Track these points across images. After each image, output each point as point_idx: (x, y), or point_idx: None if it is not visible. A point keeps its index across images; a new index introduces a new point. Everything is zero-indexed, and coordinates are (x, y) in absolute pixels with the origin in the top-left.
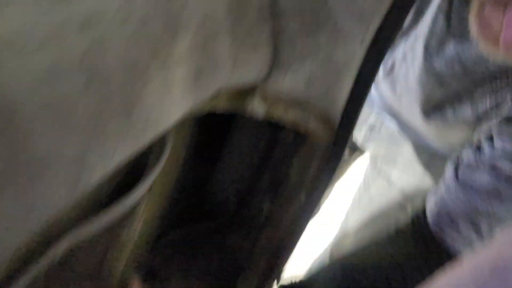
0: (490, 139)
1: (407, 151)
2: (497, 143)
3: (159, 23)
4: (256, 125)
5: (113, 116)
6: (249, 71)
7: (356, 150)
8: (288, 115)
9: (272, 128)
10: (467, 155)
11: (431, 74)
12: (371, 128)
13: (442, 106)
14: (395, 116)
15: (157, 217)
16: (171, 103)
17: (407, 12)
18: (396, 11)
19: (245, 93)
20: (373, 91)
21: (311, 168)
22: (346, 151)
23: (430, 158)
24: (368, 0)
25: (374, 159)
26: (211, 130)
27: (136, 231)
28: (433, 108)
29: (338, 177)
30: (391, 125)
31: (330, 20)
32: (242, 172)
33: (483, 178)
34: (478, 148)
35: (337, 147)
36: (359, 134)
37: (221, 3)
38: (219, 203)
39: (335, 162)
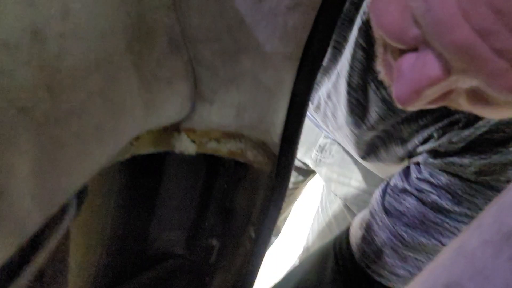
0: (418, 164)
1: (361, 172)
2: (424, 171)
3: (28, 81)
4: (192, 160)
5: None
6: (167, 110)
7: (310, 173)
8: (222, 148)
9: (210, 160)
10: (395, 179)
11: (357, 113)
12: (321, 149)
13: (375, 146)
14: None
15: (94, 273)
16: (68, 161)
17: (334, 24)
18: (323, 23)
19: (170, 131)
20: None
21: (257, 200)
22: (298, 175)
23: (382, 180)
24: (290, 16)
25: (328, 183)
26: (144, 172)
27: None
28: (366, 148)
29: (293, 201)
30: (341, 145)
31: (251, 41)
32: (184, 212)
33: (408, 201)
34: (406, 173)
35: (280, 174)
36: (310, 157)
37: (116, 43)
38: (164, 249)
39: (281, 190)
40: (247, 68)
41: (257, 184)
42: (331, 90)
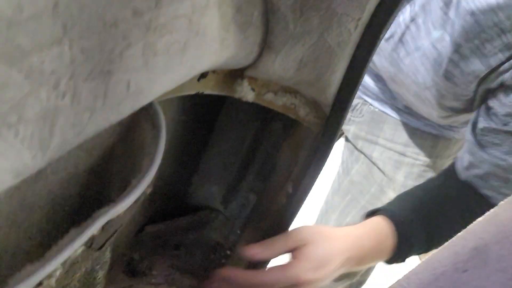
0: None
1: (388, 130)
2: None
3: None
4: (246, 114)
5: (90, 74)
6: (237, 52)
7: None
8: (278, 100)
9: (262, 118)
10: (481, 123)
11: (449, 27)
12: (353, 109)
13: (453, 62)
14: (384, 91)
15: (139, 205)
16: (155, 71)
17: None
18: None
19: (234, 76)
20: None
21: (299, 158)
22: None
23: (411, 135)
24: None
25: (355, 140)
26: (200, 120)
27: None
28: (444, 68)
29: None
30: (372, 106)
31: (324, 0)
32: (229, 163)
33: (500, 135)
34: (488, 109)
35: (327, 135)
36: None
37: None
38: (202, 201)
39: (325, 151)
40: (315, 25)
41: (303, 143)
42: (418, 12)
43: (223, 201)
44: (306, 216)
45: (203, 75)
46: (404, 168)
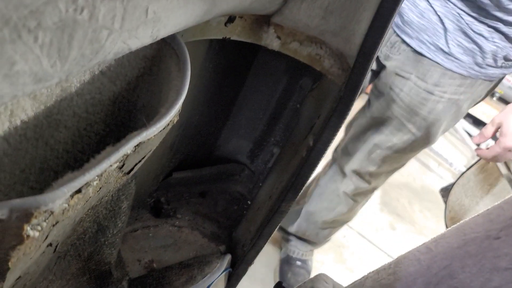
0: None
1: (421, 69)
2: None
3: None
4: (276, 70)
5: None
6: None
7: None
8: (303, 50)
9: (291, 74)
10: None
11: None
12: (391, 46)
13: None
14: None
15: (167, 150)
16: (176, 2)
17: None
18: None
19: (260, 23)
20: None
21: (322, 111)
22: None
23: (442, 76)
24: None
25: (389, 76)
26: (231, 77)
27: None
28: None
29: None
30: (410, 46)
31: None
32: (258, 118)
33: None
34: None
35: (350, 87)
36: (380, 51)
37: None
38: (229, 154)
39: (347, 103)
40: None
41: (326, 96)
42: None
43: (250, 155)
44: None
45: (230, 20)
46: (428, 105)
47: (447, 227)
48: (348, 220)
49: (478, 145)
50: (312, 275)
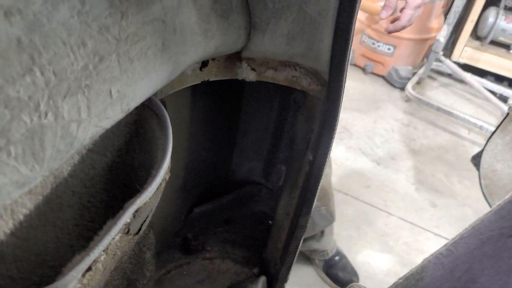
0: None
1: None
2: None
3: (103, 3)
4: (267, 91)
5: (67, 91)
6: (225, 39)
7: None
8: (279, 75)
9: (282, 92)
10: None
11: None
12: None
13: None
14: None
15: (179, 192)
16: (135, 76)
17: None
18: None
19: (233, 60)
20: None
21: (314, 125)
22: None
23: None
24: None
25: None
26: (226, 107)
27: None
28: None
29: None
30: None
31: None
32: (262, 138)
33: None
34: None
35: (331, 99)
36: None
37: None
38: (245, 177)
39: (333, 114)
40: (293, 0)
41: (314, 110)
42: None
43: (264, 174)
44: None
45: (204, 64)
46: None
47: (485, 197)
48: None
49: (389, 23)
50: (359, 269)
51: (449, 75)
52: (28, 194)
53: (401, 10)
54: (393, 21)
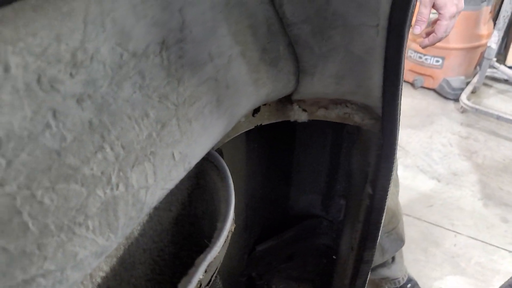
0: None
1: None
2: None
3: (161, 74)
4: (320, 125)
5: (135, 161)
6: (275, 85)
7: None
8: (331, 113)
9: (335, 123)
10: None
11: None
12: None
13: None
14: None
15: (241, 233)
16: (195, 136)
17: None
18: None
19: (284, 103)
20: None
21: (370, 159)
22: None
23: None
24: None
25: None
26: (279, 146)
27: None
28: None
29: None
30: None
31: (338, 17)
32: (318, 171)
33: None
34: None
35: (386, 133)
36: None
37: (226, 38)
38: (304, 211)
39: (389, 147)
40: (338, 42)
41: (369, 143)
42: None
43: (323, 207)
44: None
45: (256, 111)
46: None
47: None
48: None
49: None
50: None
51: (506, 81)
52: (104, 258)
53: (435, 22)
54: (428, 35)
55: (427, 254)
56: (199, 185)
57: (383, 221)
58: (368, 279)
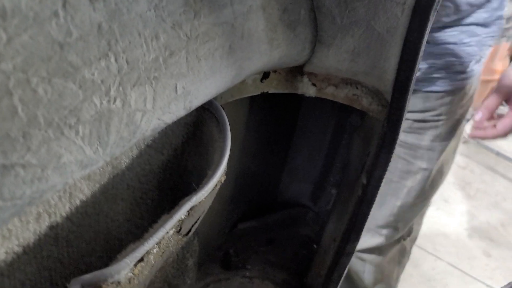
0: None
1: None
2: None
3: (179, 1)
4: (324, 111)
5: (137, 81)
6: (290, 50)
7: None
8: (340, 93)
9: (339, 113)
10: None
11: None
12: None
13: None
14: None
15: (226, 204)
16: (201, 75)
17: None
18: None
19: (294, 73)
20: None
21: (370, 148)
22: None
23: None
24: None
25: None
26: (281, 124)
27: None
28: None
29: None
30: None
31: None
32: (314, 160)
33: None
34: None
35: (391, 121)
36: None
37: None
38: (292, 198)
39: (392, 138)
40: (362, 16)
41: (372, 132)
42: None
43: (312, 197)
44: None
45: (265, 76)
46: (429, 133)
47: None
48: None
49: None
50: None
51: None
52: (86, 180)
53: (499, 117)
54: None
55: (404, 273)
56: (195, 136)
57: (369, 213)
58: (345, 274)
